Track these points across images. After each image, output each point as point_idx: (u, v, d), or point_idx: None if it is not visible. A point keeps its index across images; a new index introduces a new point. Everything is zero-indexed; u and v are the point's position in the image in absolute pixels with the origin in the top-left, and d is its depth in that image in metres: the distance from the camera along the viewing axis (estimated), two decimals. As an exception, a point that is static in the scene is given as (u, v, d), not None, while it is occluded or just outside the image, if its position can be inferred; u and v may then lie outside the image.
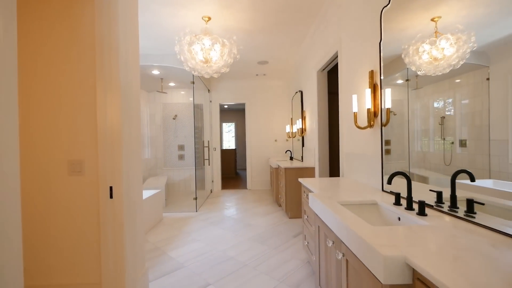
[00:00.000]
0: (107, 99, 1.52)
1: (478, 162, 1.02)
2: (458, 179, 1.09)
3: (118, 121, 1.53)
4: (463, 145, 1.10)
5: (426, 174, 1.35)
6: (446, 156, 1.19)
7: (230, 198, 4.92)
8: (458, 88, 1.14)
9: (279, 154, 5.87)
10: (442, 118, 1.23)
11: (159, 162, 5.73)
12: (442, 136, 1.21)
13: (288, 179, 3.53)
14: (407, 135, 1.51)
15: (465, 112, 1.10)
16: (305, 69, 3.89)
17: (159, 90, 4.82)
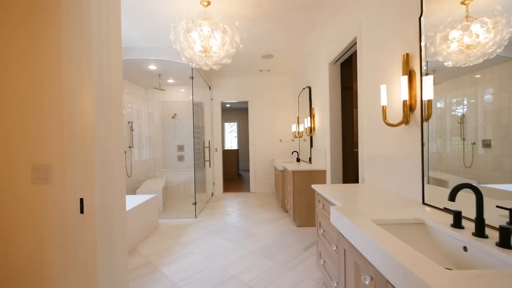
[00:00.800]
0: (76, 94, 1.20)
1: (506, 164, 0.94)
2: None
3: (90, 119, 1.20)
4: (486, 146, 1.03)
5: (444, 177, 1.25)
6: (467, 157, 1.11)
7: (232, 202, 4.59)
8: (481, 84, 1.05)
9: (284, 155, 5.53)
10: (461, 116, 1.14)
11: (158, 163, 5.42)
12: (462, 136, 1.14)
13: (297, 183, 3.19)
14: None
15: (489, 110, 1.01)
16: (315, 62, 3.56)
17: (157, 87, 4.51)
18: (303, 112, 4.37)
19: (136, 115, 4.98)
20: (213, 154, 5.47)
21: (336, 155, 3.02)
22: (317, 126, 3.58)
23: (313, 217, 3.20)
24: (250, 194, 5.34)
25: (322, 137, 3.34)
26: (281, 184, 3.92)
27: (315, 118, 3.67)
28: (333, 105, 3.02)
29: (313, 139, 3.82)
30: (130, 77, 4.46)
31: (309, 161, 3.97)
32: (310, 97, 3.87)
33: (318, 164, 3.46)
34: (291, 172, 3.22)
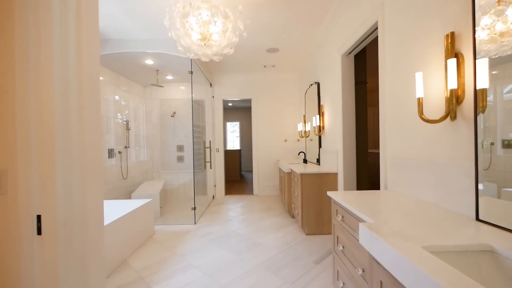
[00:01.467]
0: (32, 88, 0.92)
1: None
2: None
3: (50, 117, 0.93)
4: (507, 146, 0.94)
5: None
6: (484, 158, 1.01)
7: (234, 206, 4.32)
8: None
9: (290, 155, 5.24)
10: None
11: (156, 164, 5.16)
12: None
13: (305, 187, 2.91)
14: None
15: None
16: (325, 55, 3.27)
17: (155, 83, 4.26)
18: (311, 110, 4.08)
19: (133, 113, 4.72)
20: (215, 154, 5.21)
21: (349, 157, 2.73)
22: (326, 125, 3.30)
23: (323, 225, 2.92)
24: (253, 197, 5.06)
25: (332, 136, 3.05)
26: (287, 187, 3.63)
27: (324, 116, 3.39)
28: (346, 102, 2.73)
29: (322, 139, 3.54)
30: (126, 73, 4.21)
31: (317, 162, 3.68)
32: (318, 94, 3.58)
33: (328, 166, 3.18)
34: (299, 174, 2.94)
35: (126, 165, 4.29)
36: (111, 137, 3.97)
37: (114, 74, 4.02)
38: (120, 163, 4.12)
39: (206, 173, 5.00)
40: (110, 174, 3.84)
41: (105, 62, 3.59)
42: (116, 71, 4.00)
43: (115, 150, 4.02)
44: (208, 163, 4.39)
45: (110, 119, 3.96)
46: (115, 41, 3.32)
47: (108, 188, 3.74)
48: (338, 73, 2.77)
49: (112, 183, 3.86)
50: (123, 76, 4.26)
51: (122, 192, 4.13)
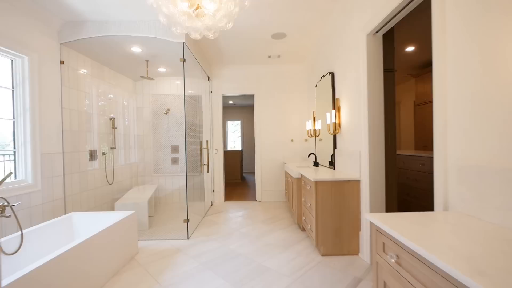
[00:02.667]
0: None
1: None
2: None
3: None
4: None
5: None
6: None
7: (235, 215, 3.79)
8: None
9: (296, 157, 4.71)
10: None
11: (148, 166, 4.65)
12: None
13: (321, 197, 2.38)
14: None
15: None
16: (343, 37, 2.73)
17: (144, 75, 3.75)
18: (322, 105, 3.55)
19: (122, 110, 4.21)
20: (213, 156, 4.69)
21: (376, 161, 2.20)
22: (344, 122, 2.77)
23: (342, 243, 2.39)
24: (256, 203, 4.53)
25: (352, 135, 2.53)
26: (297, 195, 3.11)
27: (340, 111, 2.86)
28: (373, 93, 2.20)
29: (337, 139, 3.01)
30: (112, 64, 3.70)
31: (330, 165, 3.15)
32: (333, 86, 3.05)
33: (345, 170, 2.65)
34: (313, 182, 2.41)
35: (112, 168, 3.78)
36: (94, 136, 3.46)
37: (96, 64, 3.51)
38: (104, 166, 3.61)
39: (203, 177, 4.48)
40: (92, 179, 3.33)
41: (84, 49, 3.08)
42: (99, 60, 3.48)
43: (98, 152, 3.51)
44: (205, 166, 3.87)
45: (93, 116, 3.45)
46: (93, 23, 2.80)
47: (88, 195, 3.23)
48: (362, 58, 2.24)
49: (93, 190, 3.34)
50: (107, 67, 3.75)
51: (106, 200, 3.61)
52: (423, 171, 3.05)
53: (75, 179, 3.02)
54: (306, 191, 2.75)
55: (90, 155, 3.35)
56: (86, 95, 3.31)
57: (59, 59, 2.83)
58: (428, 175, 2.99)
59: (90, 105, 3.39)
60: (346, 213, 2.39)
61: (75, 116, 3.05)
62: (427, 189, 3.00)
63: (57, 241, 2.25)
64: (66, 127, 2.89)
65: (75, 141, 3.04)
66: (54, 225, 2.27)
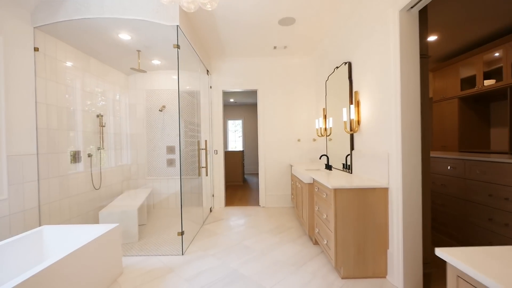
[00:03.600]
0: None
1: None
2: None
3: None
4: None
5: None
6: None
7: (236, 224, 3.40)
8: None
9: (304, 158, 4.31)
10: None
11: (142, 169, 4.25)
12: None
13: (340, 207, 1.98)
14: None
15: None
16: (365, 18, 2.33)
17: (135, 67, 3.35)
18: (335, 101, 3.16)
19: (112, 106, 3.82)
20: (212, 157, 4.29)
21: (412, 165, 1.80)
22: (364, 119, 2.37)
23: (367, 264, 1.99)
24: (259, 209, 4.14)
25: (377, 134, 2.13)
26: (308, 203, 2.71)
27: (360, 106, 2.46)
28: (408, 83, 1.80)
29: (354, 138, 2.61)
30: (100, 54, 3.30)
31: (344, 168, 2.75)
32: (350, 77, 2.66)
33: (367, 175, 2.25)
34: (331, 190, 2.01)
35: (99, 171, 3.38)
36: (78, 135, 3.07)
37: (81, 54, 3.11)
38: (90, 169, 3.21)
39: (201, 180, 4.09)
40: (74, 184, 2.93)
41: (63, 35, 2.69)
42: (83, 50, 3.09)
43: (82, 153, 3.11)
44: (203, 169, 3.47)
45: (77, 112, 3.06)
46: (72, 3, 2.41)
47: (70, 203, 2.84)
48: (394, 40, 1.84)
49: (76, 196, 2.95)
50: (94, 58, 3.35)
51: (93, 207, 3.22)
52: (452, 175, 2.65)
53: (53, 184, 2.62)
54: (320, 200, 2.35)
55: (73, 157, 2.96)
56: (68, 89, 2.91)
57: (33, 46, 2.43)
58: (459, 180, 2.58)
59: (73, 100, 3.00)
60: (371, 227, 1.99)
61: (53, 112, 2.66)
62: (456, 196, 2.60)
63: (22, 262, 1.86)
64: (42, 124, 2.50)
65: (53, 141, 2.65)
66: (19, 242, 1.87)
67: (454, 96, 3.83)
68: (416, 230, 1.82)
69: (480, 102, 3.77)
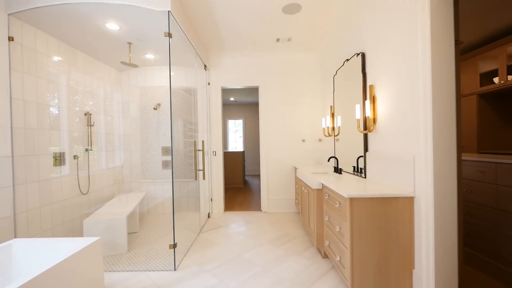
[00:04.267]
0: None
1: None
2: None
3: None
4: None
5: None
6: None
7: (236, 232, 3.11)
8: None
9: (308, 160, 4.02)
10: None
11: (135, 171, 3.98)
12: None
13: (358, 219, 1.69)
14: None
15: None
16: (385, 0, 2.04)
17: (126, 61, 3.08)
18: (344, 97, 2.87)
19: (103, 105, 3.55)
20: (210, 159, 4.01)
21: (445, 170, 1.51)
22: (381, 116, 2.08)
23: (390, 285, 1.69)
24: (261, 215, 3.85)
25: (398, 133, 1.84)
26: (316, 211, 2.42)
27: (376, 102, 2.17)
28: (441, 74, 1.51)
29: (369, 138, 2.32)
30: (88, 48, 3.03)
31: (356, 172, 2.46)
32: (363, 70, 2.37)
33: (385, 181, 1.96)
34: (346, 199, 1.72)
35: (87, 174, 3.11)
36: (63, 135, 2.79)
37: (65, 46, 2.84)
38: (76, 173, 2.93)
39: (199, 183, 3.81)
40: (57, 189, 2.66)
41: (44, 24, 2.41)
42: (68, 41, 2.81)
43: (68, 154, 2.84)
44: (200, 171, 3.19)
45: (63, 110, 2.79)
46: (51, -13, 2.13)
47: (52, 210, 2.56)
48: (423, 22, 1.55)
49: (60, 202, 2.67)
50: (82, 51, 3.08)
51: (79, 214, 2.94)
52: (481, 180, 2.35)
53: (32, 190, 2.35)
54: (331, 209, 2.06)
55: (56, 159, 2.68)
56: (51, 85, 2.64)
57: (7, 35, 2.16)
58: (489, 186, 2.28)
59: (57, 97, 2.73)
60: (393, 243, 1.70)
61: (32, 109, 2.38)
62: (486, 204, 2.30)
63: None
64: (18, 123, 2.23)
65: (32, 142, 2.38)
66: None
67: (473, 92, 3.53)
68: (449, 247, 1.53)
69: (502, 99, 3.47)
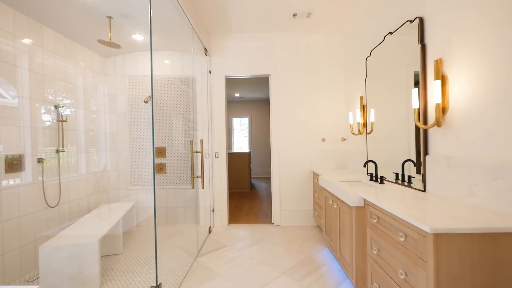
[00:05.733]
0: None
1: None
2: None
3: None
4: None
5: None
6: None
7: (243, 255, 2.46)
8: None
9: (329, 163, 3.35)
10: None
11: (123, 176, 3.36)
12: None
13: (449, 264, 1.02)
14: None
15: None
16: None
17: (105, 39, 2.45)
18: (380, 84, 2.20)
19: (83, 97, 2.94)
20: (212, 162, 3.37)
21: None
22: (458, 103, 1.40)
23: None
24: (272, 229, 3.19)
25: (495, 128, 1.16)
26: (355, 236, 1.74)
27: (447, 84, 1.49)
28: None
29: (430, 135, 1.65)
30: (58, 24, 2.42)
31: (400, 180, 1.78)
32: (422, 40, 1.70)
33: (468, 199, 1.28)
34: (427, 234, 1.05)
35: (58, 182, 2.50)
36: (24, 133, 2.19)
37: (27, 21, 2.23)
38: (42, 180, 2.32)
39: (198, 191, 3.19)
40: (12, 203, 2.04)
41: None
42: (31, 14, 2.20)
43: (29, 157, 2.23)
44: (197, 178, 2.55)
45: (24, 100, 2.19)
46: None
47: (3, 229, 1.95)
48: None
49: (15, 220, 2.06)
50: (50, 28, 2.47)
51: (45, 233, 2.32)
52: None
53: (-31, 205, 1.74)
54: (385, 240, 1.39)
55: (11, 164, 2.07)
56: (4, 68, 2.04)
57: None
58: None
59: (20, 86, 2.12)
60: (506, 308, 1.02)
61: (-30, 97, 1.78)
62: None
63: None
64: None
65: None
66: None
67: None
68: None
69: None
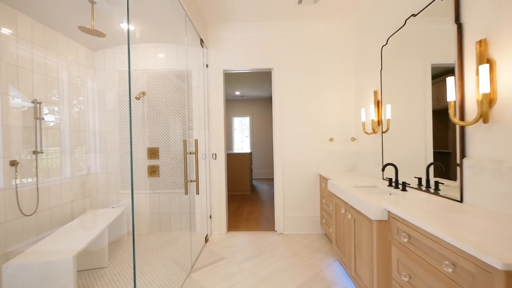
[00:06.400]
0: None
1: None
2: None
3: None
4: None
5: None
6: None
7: (243, 270, 2.17)
8: None
9: (338, 165, 3.06)
10: None
11: (112, 179, 3.09)
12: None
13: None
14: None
15: None
16: None
17: (87, 26, 2.18)
18: (399, 76, 1.90)
19: (68, 93, 2.67)
20: (209, 164, 3.08)
21: None
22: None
23: None
24: (276, 238, 2.90)
25: None
26: (377, 255, 1.45)
27: (494, 70, 1.19)
28: None
29: (468, 134, 1.35)
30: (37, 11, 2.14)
31: (424, 186, 1.49)
32: (457, 19, 1.40)
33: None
34: (497, 271, 0.76)
35: (35, 187, 2.23)
36: (-7, 132, 1.92)
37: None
38: (15, 185, 2.05)
39: (193, 196, 2.91)
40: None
41: None
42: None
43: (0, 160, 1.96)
44: (192, 183, 2.27)
45: (-6, 96, 1.92)
46: None
47: (-37, 245, 1.68)
48: None
49: (-20, 232, 1.79)
50: (23, 13, 2.19)
51: (18, 245, 2.05)
52: None
53: None
54: (422, 267, 1.10)
55: (-25, 167, 1.80)
56: (-33, 55, 1.77)
57: None
58: None
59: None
60: None
61: None
62: None
63: None
64: None
65: None
66: None
67: None
68: None
69: None
